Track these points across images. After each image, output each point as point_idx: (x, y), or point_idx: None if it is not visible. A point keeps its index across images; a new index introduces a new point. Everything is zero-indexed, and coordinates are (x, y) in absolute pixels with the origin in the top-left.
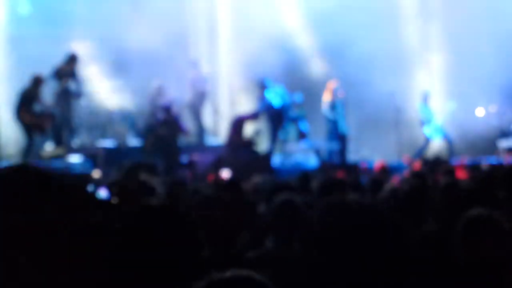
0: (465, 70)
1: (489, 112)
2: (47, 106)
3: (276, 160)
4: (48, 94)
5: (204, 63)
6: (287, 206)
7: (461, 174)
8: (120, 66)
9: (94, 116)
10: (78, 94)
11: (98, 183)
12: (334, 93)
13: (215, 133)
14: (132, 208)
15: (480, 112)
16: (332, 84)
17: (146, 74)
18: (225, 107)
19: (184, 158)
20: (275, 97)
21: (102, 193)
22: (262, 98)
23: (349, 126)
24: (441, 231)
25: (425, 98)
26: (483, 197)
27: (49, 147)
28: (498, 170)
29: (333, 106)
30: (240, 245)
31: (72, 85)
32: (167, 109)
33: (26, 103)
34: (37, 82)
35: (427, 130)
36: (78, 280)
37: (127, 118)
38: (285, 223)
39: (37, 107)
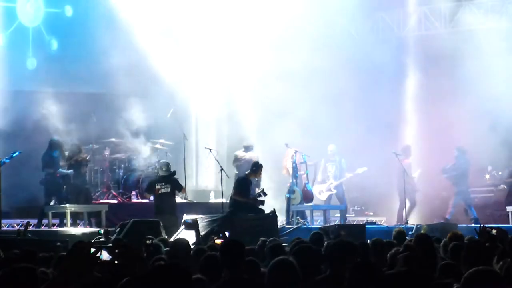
0: None
1: (495, 175)
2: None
3: (281, 220)
4: None
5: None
6: (282, 266)
7: None
8: None
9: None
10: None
11: (104, 241)
12: (293, 159)
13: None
14: (138, 269)
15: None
16: (291, 151)
17: None
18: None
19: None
20: None
21: (104, 254)
22: None
23: None
24: None
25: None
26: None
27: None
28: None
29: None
30: None
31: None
32: (164, 166)
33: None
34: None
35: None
36: None
37: None
38: (281, 284)
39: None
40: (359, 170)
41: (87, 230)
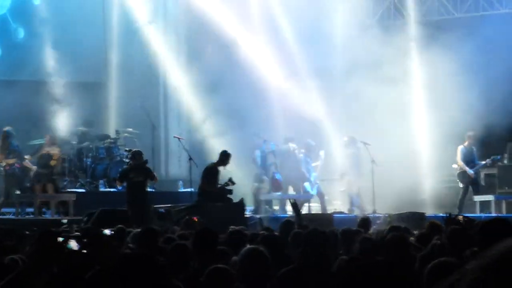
0: None
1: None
2: None
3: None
4: None
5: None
6: (253, 256)
7: None
8: None
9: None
10: None
11: (69, 230)
12: (263, 148)
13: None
14: (108, 258)
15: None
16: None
17: None
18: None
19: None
20: None
21: (73, 243)
22: None
23: None
24: None
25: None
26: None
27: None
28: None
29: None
30: None
31: None
32: (137, 154)
33: None
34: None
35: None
36: None
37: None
38: (252, 273)
39: None
40: (321, 154)
41: (55, 219)
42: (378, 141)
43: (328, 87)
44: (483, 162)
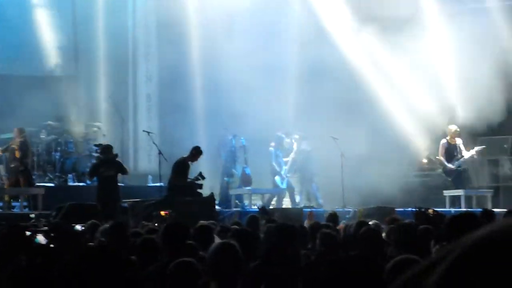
0: None
1: (432, 159)
2: None
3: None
4: None
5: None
6: (224, 250)
7: None
8: None
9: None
10: None
11: (37, 225)
12: (232, 143)
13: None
14: (73, 251)
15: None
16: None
17: None
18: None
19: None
20: None
21: (40, 237)
22: None
23: None
24: None
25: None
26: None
27: None
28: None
29: None
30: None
31: None
32: (107, 148)
33: None
34: None
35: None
36: None
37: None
38: (224, 268)
39: None
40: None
41: (23, 213)
42: (347, 136)
43: (291, 84)
44: (469, 154)
